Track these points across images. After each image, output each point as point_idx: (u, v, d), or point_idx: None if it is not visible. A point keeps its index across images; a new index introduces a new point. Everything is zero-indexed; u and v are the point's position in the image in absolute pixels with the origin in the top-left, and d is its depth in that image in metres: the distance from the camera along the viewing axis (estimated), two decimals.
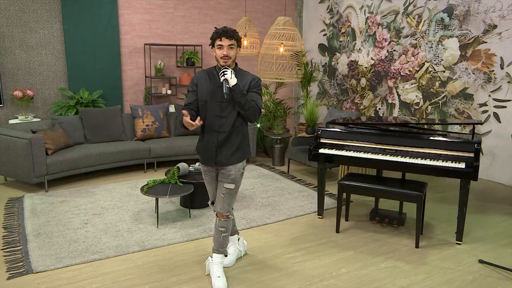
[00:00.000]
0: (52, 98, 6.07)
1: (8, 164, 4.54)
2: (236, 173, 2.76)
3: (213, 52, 2.68)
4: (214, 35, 2.64)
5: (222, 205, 2.79)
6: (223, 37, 2.60)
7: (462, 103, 5.49)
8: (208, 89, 2.71)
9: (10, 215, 3.94)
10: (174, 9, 6.73)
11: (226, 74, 2.56)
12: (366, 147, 3.72)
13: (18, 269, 2.96)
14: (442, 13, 5.60)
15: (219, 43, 2.62)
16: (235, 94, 2.59)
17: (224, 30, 2.61)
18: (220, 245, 2.85)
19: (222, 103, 2.69)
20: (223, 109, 2.69)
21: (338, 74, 7.31)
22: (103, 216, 3.95)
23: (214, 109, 2.70)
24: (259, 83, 2.75)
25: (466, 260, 3.24)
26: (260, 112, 2.71)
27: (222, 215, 2.81)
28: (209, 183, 2.89)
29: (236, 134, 2.74)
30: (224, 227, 2.83)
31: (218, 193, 2.81)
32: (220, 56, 2.63)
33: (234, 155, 2.75)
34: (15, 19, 5.67)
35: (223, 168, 2.76)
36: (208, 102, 2.71)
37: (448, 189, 4.99)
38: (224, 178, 2.76)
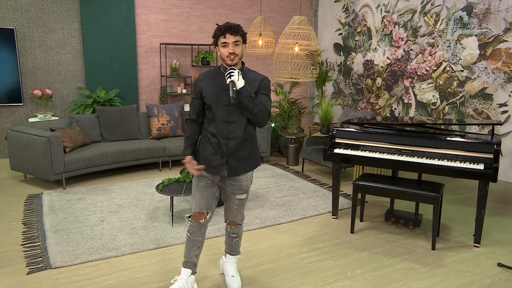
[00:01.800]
0: (70, 97, 6.18)
1: (27, 161, 4.64)
2: (247, 182, 2.61)
3: (217, 51, 2.46)
4: (216, 32, 2.40)
5: (236, 215, 2.68)
6: (228, 34, 2.37)
7: (480, 103, 5.38)
8: (213, 92, 2.46)
9: (29, 211, 4.03)
10: (190, 9, 6.77)
11: (232, 75, 2.35)
12: (382, 147, 3.68)
13: (37, 264, 3.03)
14: (461, 12, 5.50)
15: (223, 41, 2.38)
16: (242, 97, 2.36)
17: (228, 25, 2.38)
18: (232, 249, 2.82)
19: (230, 107, 2.44)
20: (231, 113, 2.45)
21: (353, 73, 7.25)
22: (119, 213, 4.00)
23: (221, 114, 2.46)
24: (268, 84, 2.53)
25: (484, 263, 3.18)
26: (270, 116, 2.51)
27: (235, 224, 2.73)
28: (202, 191, 2.56)
29: (247, 140, 2.53)
30: (236, 233, 2.76)
31: (230, 204, 2.64)
32: (226, 55, 2.39)
33: (246, 163, 2.54)
34: (36, 20, 5.79)
35: (233, 179, 2.55)
36: (214, 107, 2.46)
37: (465, 191, 4.90)
38: (235, 189, 2.58)
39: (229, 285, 2.76)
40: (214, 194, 2.59)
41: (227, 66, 2.43)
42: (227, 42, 2.38)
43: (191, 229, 2.59)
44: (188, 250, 2.61)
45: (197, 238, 2.59)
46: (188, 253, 2.62)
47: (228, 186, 2.58)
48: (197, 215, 2.56)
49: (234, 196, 2.60)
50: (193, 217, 2.58)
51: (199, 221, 2.57)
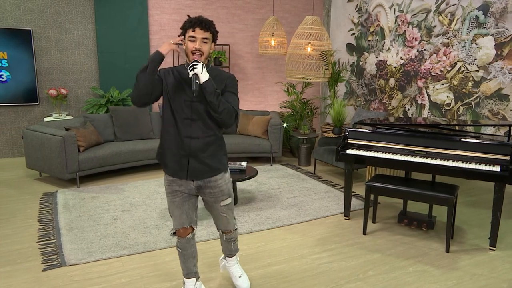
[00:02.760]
0: (84, 97, 6.27)
1: (42, 160, 4.72)
2: (227, 185, 2.43)
3: (184, 45, 2.26)
4: (186, 24, 2.20)
5: (228, 223, 2.55)
6: (197, 28, 2.17)
7: (496, 104, 5.29)
8: (174, 87, 2.27)
9: (44, 209, 4.09)
10: (202, 9, 6.80)
11: (196, 67, 2.13)
12: (395, 148, 3.64)
13: (52, 262, 3.08)
14: (476, 11, 5.41)
15: (191, 34, 2.18)
16: (206, 92, 2.16)
17: (199, 19, 2.18)
18: (232, 250, 2.74)
19: (192, 103, 2.26)
20: (194, 111, 2.26)
21: (366, 74, 7.19)
22: (131, 212, 4.04)
23: (182, 110, 2.26)
24: (235, 83, 2.35)
25: (500, 267, 3.12)
26: (237, 116, 2.29)
27: (229, 231, 2.63)
28: (179, 206, 2.37)
29: (211, 140, 2.32)
30: (233, 237, 2.67)
31: (217, 213, 2.49)
32: (190, 50, 2.20)
33: (209, 167, 2.33)
34: (51, 21, 5.88)
35: (208, 185, 2.36)
36: (174, 102, 2.27)
37: (480, 193, 4.83)
38: (217, 195, 2.40)
39: (238, 286, 2.74)
40: (194, 205, 2.43)
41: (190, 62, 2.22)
42: (195, 37, 2.19)
43: (180, 245, 2.47)
44: (185, 264, 2.53)
45: (189, 250, 2.49)
46: (185, 266, 2.53)
47: (207, 195, 2.40)
48: (181, 232, 2.43)
49: (219, 204, 2.43)
50: (178, 234, 2.45)
51: (186, 237, 2.44)
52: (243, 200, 4.43)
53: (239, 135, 5.94)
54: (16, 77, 5.75)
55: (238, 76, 7.29)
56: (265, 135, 5.89)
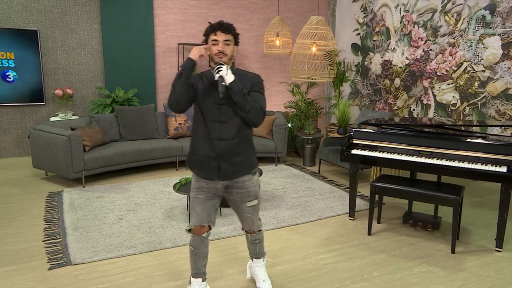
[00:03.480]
0: (89, 97, 6.30)
1: (48, 159, 4.75)
2: (255, 188, 2.48)
3: (207, 50, 2.38)
4: (208, 30, 2.33)
5: (252, 223, 2.58)
6: (218, 31, 2.29)
7: (503, 104, 5.25)
8: (203, 92, 2.37)
9: (50, 209, 4.12)
10: (208, 9, 6.82)
11: (221, 70, 2.24)
12: (400, 148, 3.63)
13: (58, 261, 3.10)
14: (483, 10, 5.38)
15: (214, 38, 2.30)
16: (232, 93, 2.24)
17: (220, 23, 2.30)
18: (257, 253, 2.74)
19: (221, 106, 2.33)
20: (223, 113, 2.34)
21: (371, 74, 7.17)
22: (136, 212, 4.06)
23: (211, 113, 2.35)
24: (261, 82, 2.41)
25: (506, 268, 3.10)
26: (264, 114, 2.35)
27: (254, 231, 2.64)
28: (201, 202, 2.42)
29: (241, 141, 2.39)
30: (258, 239, 2.68)
31: (242, 214, 2.52)
32: (214, 53, 2.31)
33: (241, 165, 2.40)
34: (58, 21, 5.92)
35: (235, 186, 2.42)
36: (203, 105, 2.36)
37: (486, 194, 4.79)
38: (244, 196, 2.44)
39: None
40: (215, 206, 2.48)
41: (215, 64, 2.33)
42: (218, 40, 2.30)
43: (194, 243, 2.49)
44: (195, 263, 2.54)
45: (201, 250, 2.51)
46: (195, 266, 2.54)
47: (234, 195, 2.44)
48: (197, 229, 2.45)
49: (244, 204, 2.47)
50: (194, 231, 2.46)
51: (201, 235, 2.47)
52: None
53: None
54: (23, 77, 5.79)
55: None
56: (270, 135, 5.89)
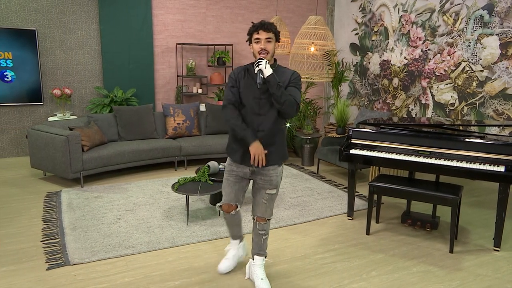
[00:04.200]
0: (88, 97, 6.29)
1: (47, 159, 4.74)
2: (277, 178, 2.67)
3: (251, 48, 2.60)
4: (251, 29, 2.54)
5: (265, 210, 2.70)
6: (260, 30, 2.50)
7: (501, 104, 5.26)
8: (245, 85, 2.59)
9: (49, 209, 4.11)
10: (206, 9, 6.81)
11: (260, 64, 2.45)
12: (399, 148, 3.63)
13: (57, 261, 3.09)
14: (481, 10, 5.39)
15: (256, 37, 2.52)
16: (269, 85, 2.45)
17: (262, 23, 2.51)
18: (261, 248, 2.80)
19: (261, 100, 2.55)
20: (262, 106, 2.56)
21: (370, 73, 7.18)
22: (135, 212, 4.05)
23: (251, 106, 2.57)
24: (298, 78, 2.61)
25: (504, 267, 3.11)
26: (298, 108, 2.54)
27: (264, 219, 2.74)
28: (231, 184, 2.70)
29: (276, 133, 2.61)
30: (264, 230, 2.76)
31: (259, 199, 2.68)
32: (257, 51, 2.53)
33: (274, 155, 2.61)
34: (56, 21, 5.91)
35: (261, 172, 2.63)
36: (245, 98, 2.59)
37: (484, 193, 4.80)
38: (266, 183, 2.64)
39: (259, 287, 2.74)
40: (243, 188, 2.74)
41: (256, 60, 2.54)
42: (260, 38, 2.51)
43: (225, 217, 2.84)
44: (231, 230, 2.92)
45: (234, 221, 2.85)
46: (231, 232, 2.93)
47: (258, 180, 2.67)
48: (226, 207, 2.77)
49: (264, 190, 2.67)
50: (223, 208, 2.79)
51: (229, 212, 2.78)
52: (246, 200, 4.44)
53: None
54: (21, 77, 5.78)
55: None
56: None
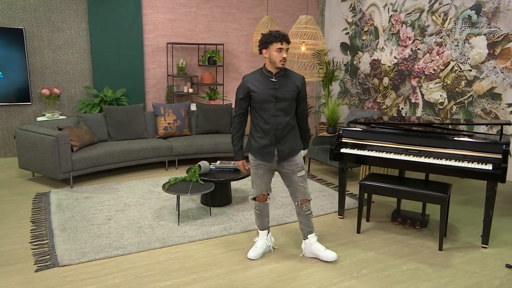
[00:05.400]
0: (77, 96, 6.23)
1: (35, 160, 4.69)
2: (301, 160, 3.02)
3: (265, 54, 2.84)
4: (272, 38, 2.76)
5: (305, 191, 3.02)
6: (284, 41, 2.76)
7: (489, 103, 5.34)
8: (262, 91, 2.85)
9: (37, 210, 4.06)
10: (197, 8, 6.79)
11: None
12: (389, 147, 3.66)
13: (45, 262, 3.06)
14: (469, 11, 5.45)
15: (279, 47, 2.76)
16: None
17: (284, 34, 2.78)
18: (310, 226, 3.13)
19: (276, 103, 2.86)
20: (278, 109, 2.87)
21: (360, 73, 7.22)
22: (125, 212, 4.03)
23: (271, 109, 2.87)
24: (305, 84, 2.99)
25: (492, 264, 3.15)
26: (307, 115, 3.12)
27: (307, 200, 3.04)
28: (261, 177, 3.03)
29: (291, 128, 2.96)
30: (309, 210, 3.09)
31: (295, 184, 2.99)
32: (279, 59, 2.80)
33: (294, 147, 2.97)
34: (44, 19, 5.84)
35: (288, 160, 2.96)
36: (264, 103, 2.86)
37: (473, 191, 4.86)
38: (294, 168, 2.97)
39: (327, 257, 3.09)
40: (270, 177, 3.10)
41: (274, 69, 2.86)
42: (282, 49, 2.78)
43: (259, 207, 3.13)
44: (261, 221, 3.18)
45: (265, 211, 3.16)
46: (261, 223, 3.19)
47: (286, 168, 2.98)
48: (261, 197, 3.09)
49: (295, 175, 2.98)
50: (258, 199, 3.10)
51: (264, 201, 3.11)
52: (237, 199, 4.43)
53: None
54: (8, 77, 5.71)
55: (232, 76, 7.29)
56: None
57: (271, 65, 2.87)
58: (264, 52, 2.85)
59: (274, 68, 2.87)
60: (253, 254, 3.17)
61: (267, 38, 2.79)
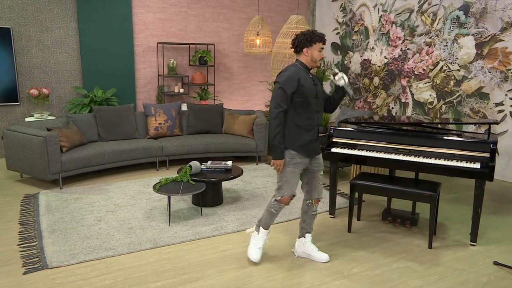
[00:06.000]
0: (67, 97, 6.16)
1: (24, 161, 4.63)
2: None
3: (305, 52, 2.88)
4: (316, 38, 2.85)
5: (321, 191, 3.10)
6: (325, 42, 2.91)
7: (477, 103, 5.40)
8: (309, 86, 2.87)
9: (26, 211, 4.01)
10: (188, 8, 6.76)
11: (344, 77, 3.00)
12: (379, 146, 3.68)
13: (34, 265, 3.02)
14: (457, 11, 5.51)
15: (322, 46, 2.90)
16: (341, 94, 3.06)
17: (323, 34, 2.91)
18: (311, 227, 3.18)
19: (318, 99, 2.93)
20: (319, 105, 2.96)
21: (351, 73, 7.26)
22: (116, 213, 4.00)
23: (314, 105, 2.91)
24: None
25: (480, 261, 3.19)
26: None
27: (319, 200, 3.10)
28: (296, 176, 2.99)
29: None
30: (316, 210, 3.15)
31: (316, 182, 3.05)
32: (319, 58, 2.91)
33: (319, 144, 3.08)
34: (32, 19, 5.77)
35: (315, 158, 3.02)
36: (310, 99, 2.88)
37: (462, 190, 4.92)
38: (319, 166, 3.05)
39: (319, 258, 3.12)
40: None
41: (310, 67, 2.94)
42: (323, 48, 2.92)
43: (278, 209, 3.01)
44: (270, 221, 3.08)
45: (280, 213, 3.07)
46: (270, 223, 3.09)
47: (314, 165, 3.03)
48: (287, 199, 2.97)
49: (319, 173, 3.05)
50: (283, 201, 2.96)
51: (288, 203, 3.00)
52: (228, 199, 4.43)
53: (224, 134, 5.92)
54: None
55: (223, 76, 7.27)
56: (250, 134, 5.89)
57: (309, 63, 2.92)
58: (305, 50, 2.88)
59: (309, 66, 2.94)
60: (258, 257, 3.07)
61: (311, 37, 2.84)
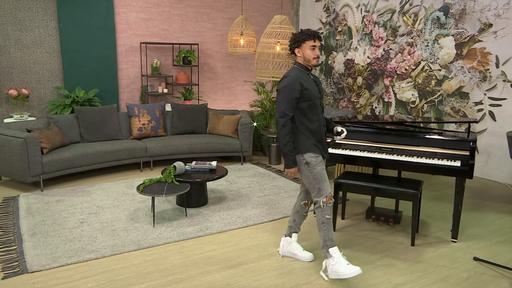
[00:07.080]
0: (47, 97, 6.04)
1: (3, 163, 4.52)
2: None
3: (297, 52, 2.82)
4: (304, 37, 2.77)
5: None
6: (316, 39, 2.78)
7: (458, 102, 5.51)
8: (312, 87, 2.83)
9: (5, 215, 3.92)
10: (171, 8, 6.71)
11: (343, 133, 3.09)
12: (363, 145, 3.72)
13: (13, 269, 2.95)
14: (438, 12, 5.61)
15: (313, 44, 2.77)
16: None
17: (315, 32, 2.79)
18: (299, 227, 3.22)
19: (320, 98, 2.93)
20: (321, 103, 2.96)
21: (335, 72, 7.32)
22: (99, 215, 3.94)
23: (318, 107, 2.89)
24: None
25: (461, 257, 3.26)
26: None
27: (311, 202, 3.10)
28: (326, 174, 2.96)
29: None
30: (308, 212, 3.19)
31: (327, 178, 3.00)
32: (313, 57, 2.80)
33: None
34: (10, 17, 5.64)
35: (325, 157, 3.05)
36: (314, 101, 2.85)
37: (443, 187, 5.01)
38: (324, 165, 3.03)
39: (304, 257, 3.13)
40: None
41: (308, 66, 2.86)
42: (316, 46, 2.79)
43: (329, 210, 2.88)
44: (330, 232, 2.86)
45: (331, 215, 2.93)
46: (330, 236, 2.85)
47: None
48: (330, 196, 2.90)
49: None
50: (329, 198, 2.89)
51: (332, 199, 2.92)
52: (213, 199, 4.41)
53: (209, 135, 5.90)
54: None
55: (207, 76, 7.24)
56: (235, 134, 5.88)
57: (304, 64, 2.87)
58: (296, 51, 2.83)
59: (309, 66, 2.88)
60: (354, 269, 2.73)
61: (299, 37, 2.77)
